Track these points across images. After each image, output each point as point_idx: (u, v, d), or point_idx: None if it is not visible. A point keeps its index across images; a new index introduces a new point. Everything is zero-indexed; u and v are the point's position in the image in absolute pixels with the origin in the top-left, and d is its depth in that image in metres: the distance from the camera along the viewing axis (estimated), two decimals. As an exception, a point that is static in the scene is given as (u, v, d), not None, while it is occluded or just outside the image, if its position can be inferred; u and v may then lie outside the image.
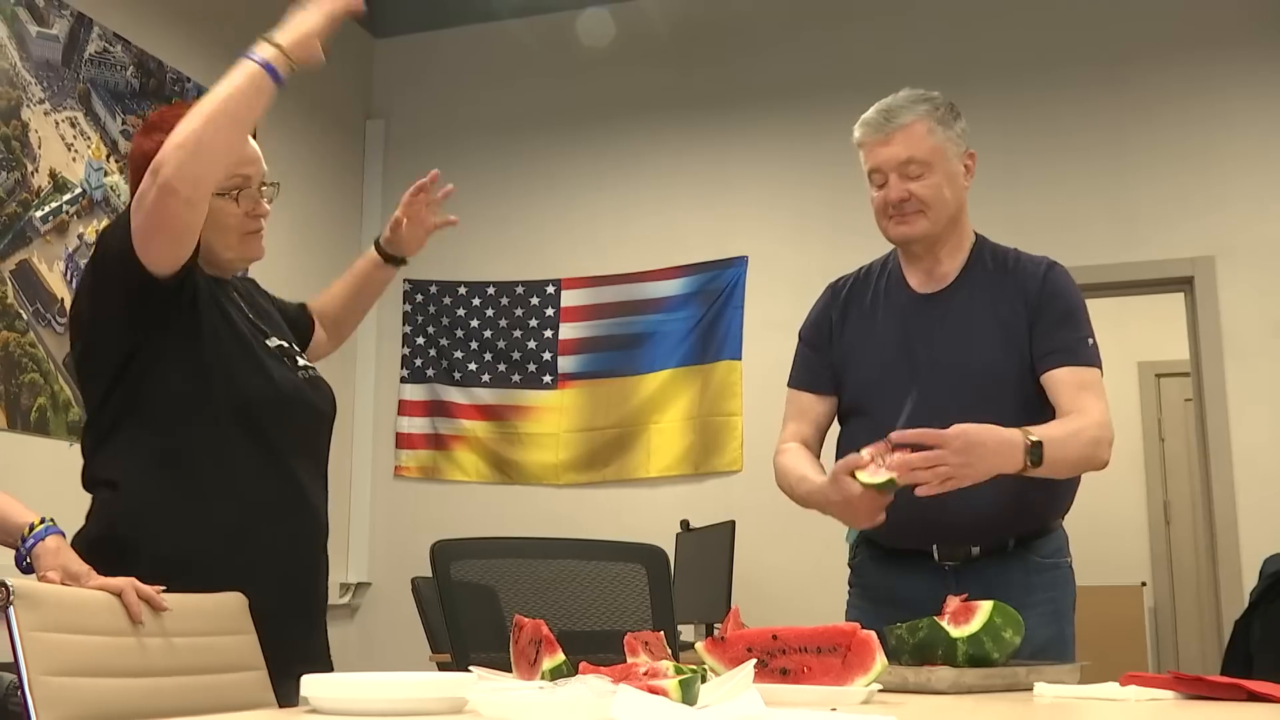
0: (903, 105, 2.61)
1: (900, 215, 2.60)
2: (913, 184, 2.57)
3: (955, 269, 2.67)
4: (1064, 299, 2.61)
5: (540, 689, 1.49)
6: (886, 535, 2.59)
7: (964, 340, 2.59)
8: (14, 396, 4.32)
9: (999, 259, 2.68)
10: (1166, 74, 5.63)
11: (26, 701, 1.67)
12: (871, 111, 2.64)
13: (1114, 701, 1.74)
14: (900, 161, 2.57)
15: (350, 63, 6.69)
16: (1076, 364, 2.55)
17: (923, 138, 2.58)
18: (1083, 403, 2.49)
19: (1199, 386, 5.47)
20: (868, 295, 2.74)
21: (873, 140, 2.61)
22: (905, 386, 2.58)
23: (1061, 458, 2.37)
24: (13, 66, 4.45)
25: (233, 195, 2.27)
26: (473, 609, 3.12)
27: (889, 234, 2.65)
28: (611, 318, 6.22)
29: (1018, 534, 2.55)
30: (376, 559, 6.35)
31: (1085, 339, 2.59)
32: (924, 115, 2.59)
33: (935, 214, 2.60)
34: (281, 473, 2.24)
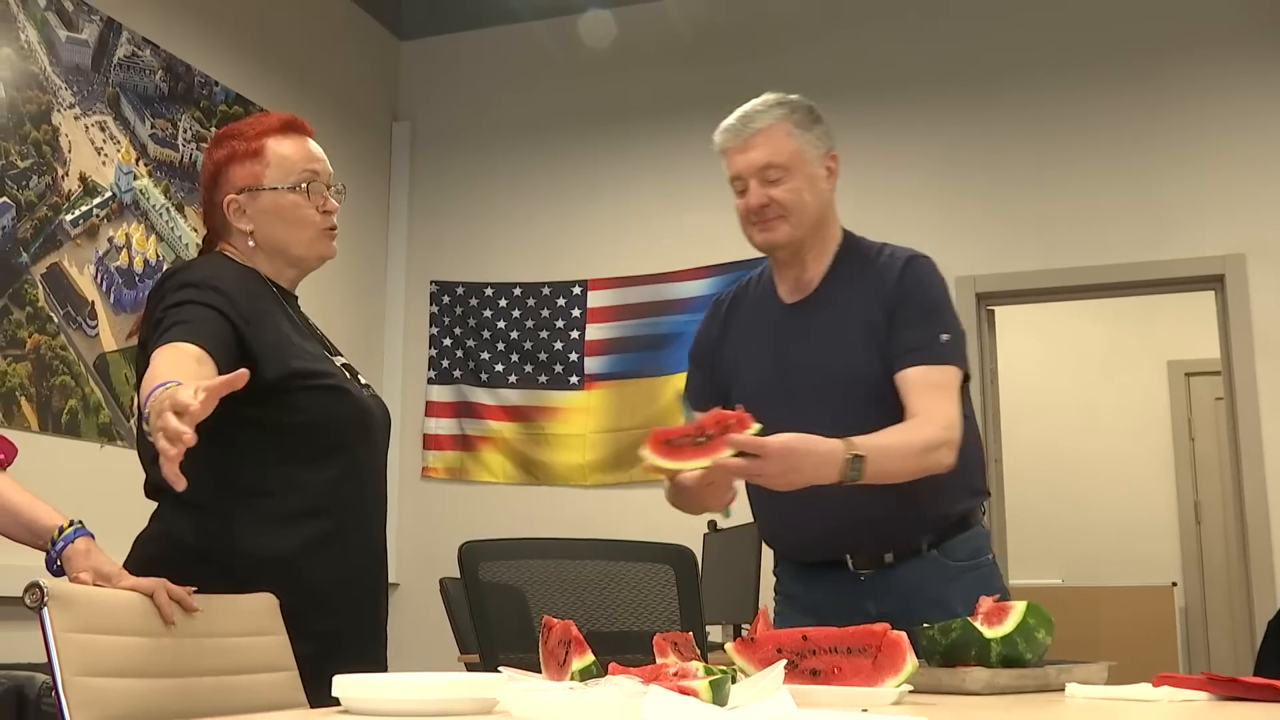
0: (760, 110, 2.58)
1: (762, 221, 2.54)
2: (773, 189, 2.53)
3: (820, 274, 2.61)
4: (921, 293, 2.52)
5: (570, 690, 1.49)
6: (800, 551, 2.60)
7: (828, 347, 2.53)
8: (45, 399, 4.35)
9: (863, 257, 2.62)
10: (1197, 71, 5.60)
11: (60, 702, 1.67)
12: (730, 118, 2.60)
13: (1147, 702, 1.73)
14: (759, 167, 2.53)
15: (376, 65, 6.72)
16: (929, 362, 2.45)
17: (781, 142, 2.55)
18: (927, 405, 2.40)
19: (1230, 385, 5.44)
20: (744, 310, 2.70)
21: (732, 146, 2.58)
22: (784, 404, 2.46)
23: (889, 470, 2.28)
24: (43, 71, 4.48)
25: (302, 190, 2.32)
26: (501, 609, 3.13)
27: (753, 241, 2.59)
28: (638, 318, 6.23)
29: (929, 537, 2.49)
30: (404, 560, 6.36)
31: (939, 335, 2.48)
32: (781, 118, 2.56)
33: (797, 219, 2.54)
34: (349, 488, 2.26)
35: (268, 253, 2.33)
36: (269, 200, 2.31)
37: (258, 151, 2.34)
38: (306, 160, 2.36)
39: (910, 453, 2.32)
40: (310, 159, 2.37)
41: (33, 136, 4.40)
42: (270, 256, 2.33)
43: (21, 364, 4.28)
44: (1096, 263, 5.57)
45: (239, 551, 2.13)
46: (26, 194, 4.36)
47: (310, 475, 2.20)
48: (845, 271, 2.60)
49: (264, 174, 2.32)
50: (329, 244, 2.39)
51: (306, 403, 2.19)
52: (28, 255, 4.35)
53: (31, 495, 2.06)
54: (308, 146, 2.40)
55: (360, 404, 2.30)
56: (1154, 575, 7.22)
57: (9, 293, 4.26)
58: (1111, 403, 7.66)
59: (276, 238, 2.32)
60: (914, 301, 2.50)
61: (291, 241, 2.33)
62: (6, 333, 4.24)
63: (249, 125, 2.39)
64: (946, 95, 5.86)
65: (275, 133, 2.37)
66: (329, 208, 2.37)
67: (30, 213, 4.37)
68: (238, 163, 2.34)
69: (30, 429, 4.26)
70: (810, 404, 2.47)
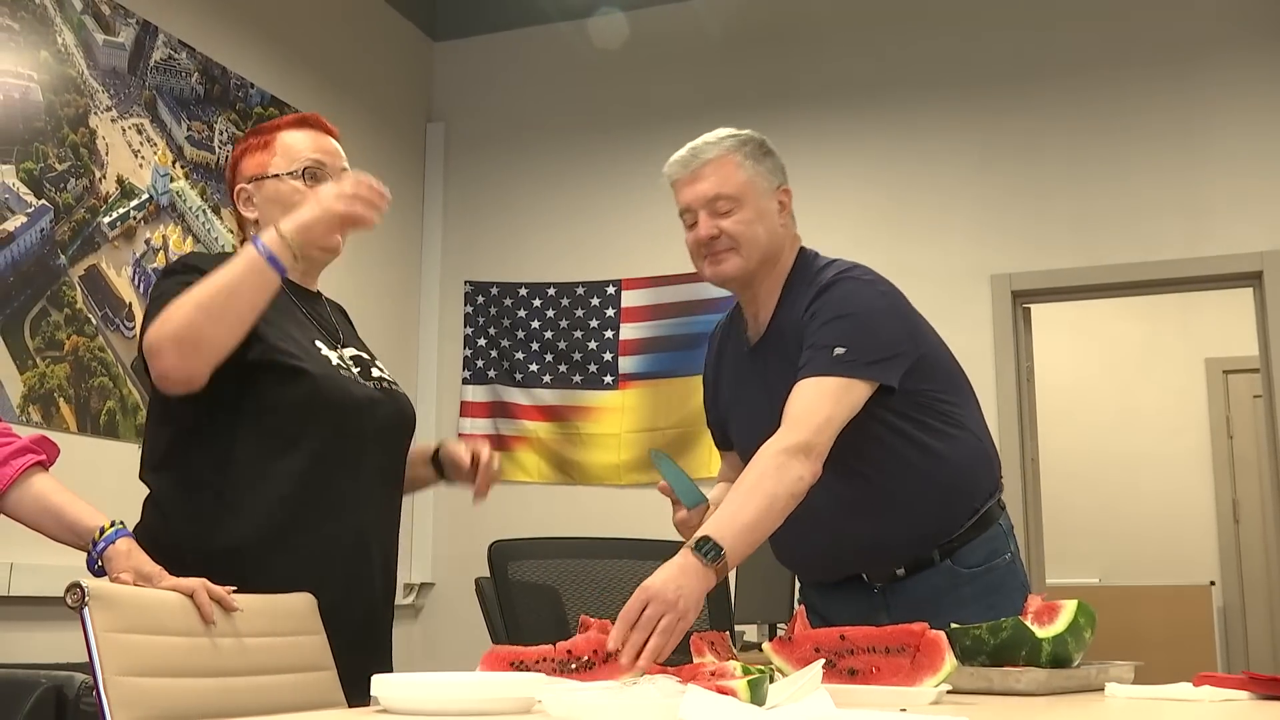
0: (710, 142, 2.53)
1: (712, 254, 2.50)
2: (722, 220, 2.47)
3: (770, 311, 2.55)
4: (827, 310, 2.39)
5: (609, 689, 1.49)
6: (814, 573, 2.64)
7: (776, 393, 2.35)
8: (84, 400, 4.38)
9: (808, 282, 2.50)
10: (1234, 69, 5.56)
11: (102, 701, 1.69)
12: (680, 150, 2.56)
13: (1188, 702, 1.73)
14: (708, 198, 2.48)
15: (410, 66, 6.74)
16: (810, 375, 2.30)
17: (730, 173, 2.49)
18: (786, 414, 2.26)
19: (1268, 383, 5.39)
20: (730, 342, 2.70)
21: (680, 178, 2.53)
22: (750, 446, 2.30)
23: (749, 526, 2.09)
24: (80, 75, 4.51)
25: (301, 176, 2.33)
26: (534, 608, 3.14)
27: (705, 275, 2.55)
28: (672, 318, 6.22)
29: (939, 546, 2.47)
30: (440, 559, 6.39)
31: (830, 349, 2.31)
32: (730, 150, 2.51)
33: (747, 251, 2.48)
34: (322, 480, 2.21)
35: None
36: (271, 188, 2.34)
37: (268, 143, 2.37)
38: (313, 150, 2.36)
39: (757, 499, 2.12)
40: (318, 149, 2.37)
41: (70, 139, 4.44)
42: None
43: (60, 365, 4.32)
44: (1133, 260, 5.53)
45: (199, 546, 2.11)
46: (64, 196, 4.39)
47: (278, 465, 2.17)
48: (789, 300, 2.52)
49: (270, 163, 2.35)
50: (334, 239, 2.32)
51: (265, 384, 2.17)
52: (66, 257, 4.38)
53: (73, 495, 2.08)
54: (319, 139, 2.40)
55: (330, 388, 2.23)
56: (1192, 574, 7.18)
57: (48, 295, 4.30)
58: (1149, 401, 7.61)
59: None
60: (817, 320, 2.39)
61: None
62: (45, 334, 4.27)
63: (270, 123, 2.44)
64: (983, 93, 5.84)
65: (289, 126, 2.41)
66: None
67: (68, 215, 4.40)
68: (250, 155, 2.38)
69: (69, 430, 4.30)
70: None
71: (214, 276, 2.07)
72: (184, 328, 2.01)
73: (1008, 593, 2.47)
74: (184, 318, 2.02)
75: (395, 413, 2.37)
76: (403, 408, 2.40)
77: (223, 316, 2.04)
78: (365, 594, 2.29)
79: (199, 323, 2.02)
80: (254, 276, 2.08)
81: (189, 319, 2.02)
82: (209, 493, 2.15)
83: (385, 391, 2.36)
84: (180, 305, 2.04)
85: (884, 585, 2.50)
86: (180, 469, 2.18)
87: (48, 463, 2.12)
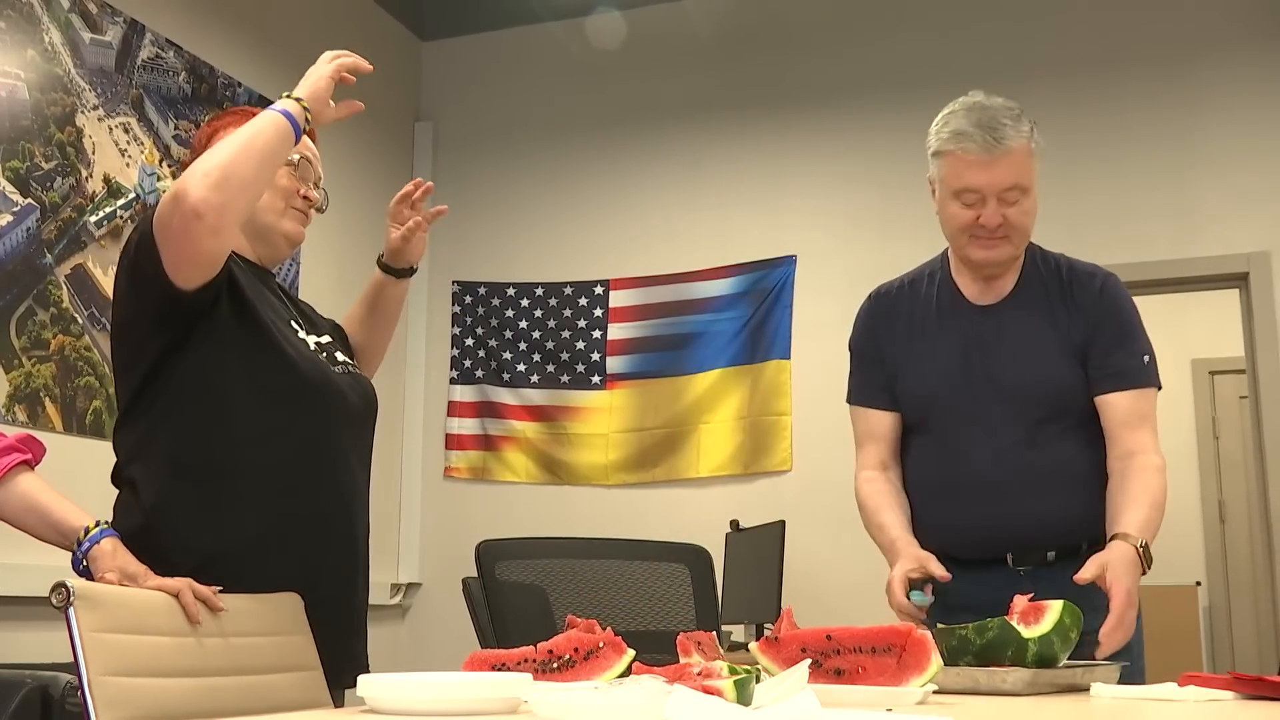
0: (1007, 124, 2.46)
1: (990, 239, 2.49)
2: (1009, 209, 2.46)
3: (1013, 280, 2.61)
4: (1121, 315, 2.56)
5: (596, 689, 1.49)
6: (960, 548, 2.55)
7: (1025, 355, 2.54)
8: (70, 399, 4.38)
9: (1050, 268, 2.62)
10: (1223, 71, 5.58)
11: (87, 701, 1.69)
12: (969, 124, 2.47)
13: (1173, 702, 1.73)
14: (1005, 188, 2.45)
15: (398, 66, 6.74)
16: (1134, 387, 2.51)
17: (1026, 163, 2.47)
18: (1137, 440, 2.48)
19: (1254, 383, 5.42)
20: (918, 306, 2.67)
21: (975, 159, 2.45)
22: (968, 403, 2.54)
23: (1155, 530, 2.42)
24: (67, 73, 4.50)
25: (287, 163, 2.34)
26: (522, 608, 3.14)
27: (970, 256, 2.54)
28: (660, 318, 6.23)
29: (1089, 538, 2.51)
30: (427, 559, 6.39)
31: (1143, 357, 2.54)
32: (1026, 137, 2.47)
33: (1020, 238, 2.52)
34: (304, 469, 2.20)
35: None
36: None
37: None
38: (300, 147, 2.36)
39: (1160, 508, 2.44)
40: (304, 146, 2.39)
41: (57, 138, 4.43)
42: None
43: (46, 365, 4.31)
44: (1121, 260, 5.54)
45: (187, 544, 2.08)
46: (51, 195, 4.38)
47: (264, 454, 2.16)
48: (1035, 280, 2.59)
49: None
50: (296, 223, 2.38)
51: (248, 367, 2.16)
52: (52, 256, 4.37)
53: (59, 495, 2.08)
54: (305, 140, 2.41)
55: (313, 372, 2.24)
56: (1178, 574, 7.19)
57: (34, 294, 4.29)
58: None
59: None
60: (1118, 322, 2.54)
61: (260, 207, 2.30)
62: (31, 334, 4.26)
63: (251, 109, 2.39)
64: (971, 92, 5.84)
65: None
66: (306, 193, 2.39)
67: (55, 214, 4.39)
68: (231, 128, 2.31)
69: (55, 429, 4.29)
70: (1002, 405, 2.52)
71: (239, 130, 2.13)
72: (212, 165, 2.04)
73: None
74: (206, 161, 2.06)
75: (365, 398, 2.38)
76: (370, 393, 2.42)
77: (249, 157, 2.07)
78: (351, 581, 2.31)
79: (226, 160, 2.05)
80: (272, 129, 2.13)
81: (214, 158, 2.06)
82: (192, 482, 2.12)
83: (353, 376, 2.37)
84: (212, 151, 2.09)
85: (1031, 569, 2.51)
86: (161, 458, 2.14)
87: (34, 462, 2.12)
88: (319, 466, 2.22)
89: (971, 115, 2.48)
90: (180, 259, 2.05)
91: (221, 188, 2.02)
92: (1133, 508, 2.38)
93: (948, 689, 1.88)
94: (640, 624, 3.12)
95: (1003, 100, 2.53)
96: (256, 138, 2.10)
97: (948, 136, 2.49)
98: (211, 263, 2.08)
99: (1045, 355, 2.54)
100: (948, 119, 2.53)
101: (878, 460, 2.68)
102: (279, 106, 2.16)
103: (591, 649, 1.77)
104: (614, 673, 1.72)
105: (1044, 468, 2.49)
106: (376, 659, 2.41)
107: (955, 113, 2.53)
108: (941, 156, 2.52)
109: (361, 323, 2.68)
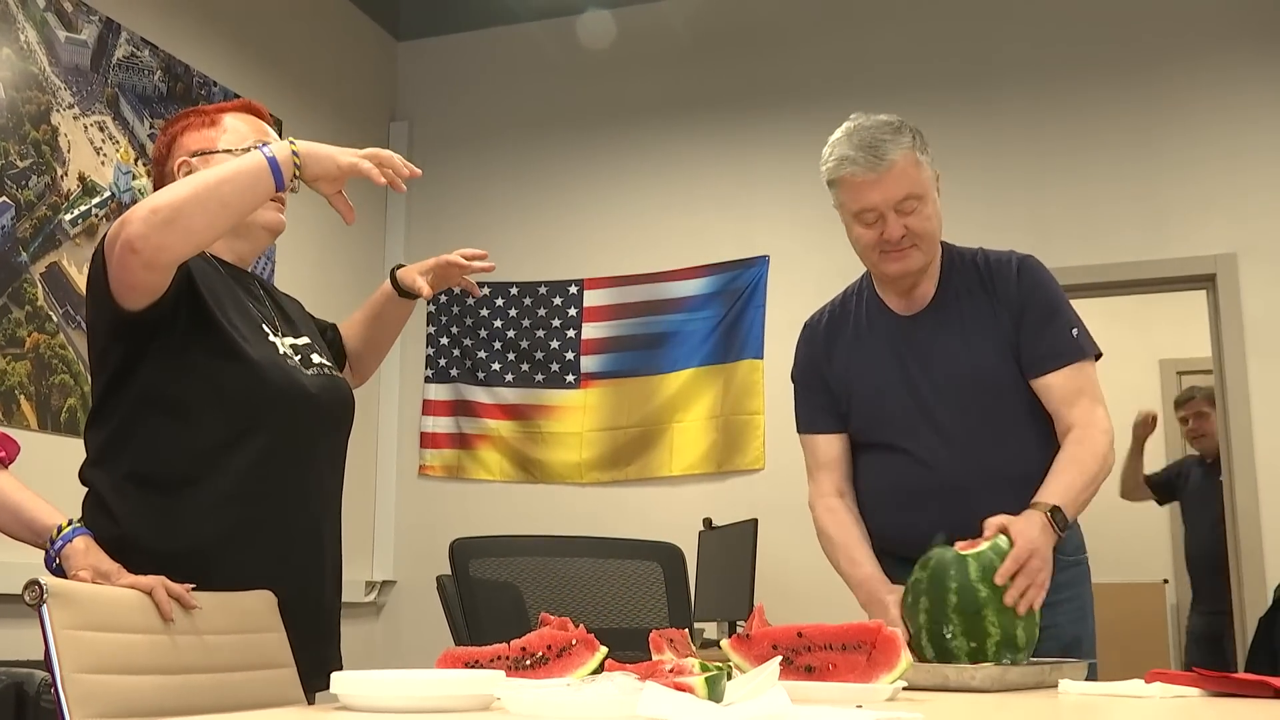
0: (886, 139, 2.50)
1: (897, 251, 2.54)
2: (909, 219, 2.51)
3: (933, 286, 2.65)
4: (1043, 293, 2.59)
5: (568, 686, 1.51)
6: (918, 550, 2.57)
7: (957, 354, 2.59)
8: (44, 397, 4.37)
9: (968, 264, 2.66)
10: (1190, 74, 5.64)
11: (60, 698, 1.69)
12: (851, 148, 2.51)
13: (1140, 699, 1.75)
14: (899, 199, 2.49)
15: (374, 65, 6.74)
16: (1067, 363, 2.55)
17: (913, 172, 2.50)
18: (1080, 415, 2.51)
19: (1221, 383, 5.47)
20: (849, 326, 2.73)
21: (863, 179, 2.50)
22: (911, 411, 2.58)
23: (1083, 500, 2.42)
24: (42, 71, 4.49)
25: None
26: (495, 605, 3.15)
27: (883, 271, 2.60)
28: (634, 317, 6.25)
29: None
30: (402, 557, 6.39)
31: (1071, 330, 2.57)
32: (909, 147, 2.51)
33: (927, 245, 2.56)
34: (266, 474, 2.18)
35: None
36: (219, 162, 2.26)
37: (214, 121, 2.35)
38: (262, 135, 2.35)
39: (1092, 477, 2.44)
40: (264, 135, 2.37)
41: (32, 136, 4.42)
42: None
43: (21, 363, 4.30)
44: (1091, 262, 5.60)
45: (150, 545, 2.06)
46: (26, 194, 4.37)
47: (228, 458, 2.14)
48: (955, 279, 2.64)
49: (218, 138, 2.32)
50: (275, 213, 2.34)
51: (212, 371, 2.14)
52: (27, 254, 4.36)
53: (33, 493, 2.08)
54: (265, 128, 2.40)
55: (279, 377, 2.21)
56: (1145, 572, 7.25)
57: (8, 292, 4.28)
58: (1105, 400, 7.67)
59: None
60: (1037, 303, 2.58)
61: None
62: (6, 331, 4.25)
63: (212, 105, 2.42)
64: (943, 95, 5.88)
65: (235, 110, 2.40)
66: None
67: (30, 212, 4.38)
68: (193, 131, 2.33)
69: (30, 427, 4.28)
70: (950, 409, 2.55)
71: (214, 170, 2.08)
72: (164, 202, 1.98)
73: (1087, 590, 2.60)
74: (166, 194, 2.00)
75: (338, 401, 2.36)
76: (345, 396, 2.39)
77: (206, 202, 2.01)
78: (318, 584, 2.29)
79: (180, 200, 1.99)
80: (248, 175, 2.06)
81: (171, 194, 2.00)
82: (155, 489, 2.11)
83: (327, 379, 2.34)
84: (175, 186, 2.03)
85: None
86: (125, 464, 2.12)
87: (7, 460, 2.12)
88: (282, 472, 2.20)
89: (853, 139, 2.52)
90: (119, 284, 2.03)
91: (164, 229, 1.97)
92: (1053, 479, 2.41)
93: (917, 686, 1.90)
94: (613, 621, 3.13)
95: (884, 117, 2.54)
96: (225, 184, 2.04)
97: (834, 164, 2.54)
98: (148, 291, 2.04)
99: (979, 351, 2.57)
100: (833, 147, 2.57)
101: (834, 488, 2.72)
102: (269, 149, 2.09)
103: (565, 646, 1.78)
104: (587, 670, 1.73)
105: (1000, 466, 2.51)
106: (351, 656, 2.40)
107: (839, 140, 2.56)
108: (836, 185, 2.57)
109: (359, 331, 2.65)
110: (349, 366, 2.65)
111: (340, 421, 2.38)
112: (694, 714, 1.28)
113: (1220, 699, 1.74)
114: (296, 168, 2.10)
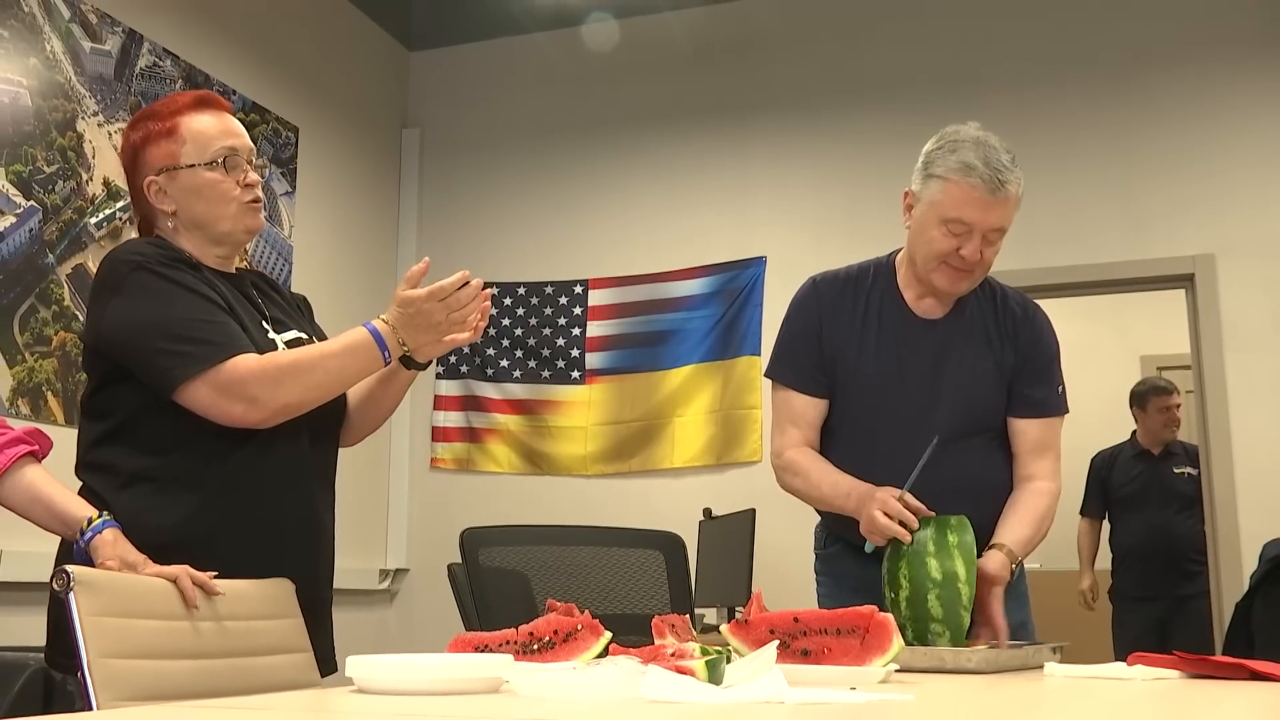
0: (1008, 168, 2.48)
1: (964, 270, 2.55)
2: (988, 249, 2.52)
3: (951, 304, 2.69)
4: (1046, 349, 2.70)
5: (574, 669, 1.55)
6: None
7: (962, 371, 2.63)
8: (71, 394, 4.45)
9: (986, 293, 2.71)
10: (1170, 78, 5.69)
11: (86, 682, 1.72)
12: (978, 160, 2.46)
13: (1122, 681, 1.80)
14: (995, 228, 2.50)
15: (386, 74, 6.79)
16: (1046, 416, 2.68)
17: (1013, 210, 2.52)
18: (1043, 469, 2.65)
19: (1199, 378, 5.52)
20: (860, 303, 2.70)
21: (978, 196, 2.46)
22: (904, 409, 2.61)
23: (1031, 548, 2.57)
24: (68, 81, 4.58)
25: (220, 165, 2.26)
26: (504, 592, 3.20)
27: (936, 282, 2.59)
28: (636, 316, 6.31)
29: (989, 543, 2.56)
30: (414, 546, 6.45)
31: (1058, 388, 2.71)
32: (1018, 185, 2.50)
33: (982, 274, 2.62)
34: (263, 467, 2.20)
35: (190, 231, 2.27)
36: (187, 179, 2.25)
37: (172, 130, 2.26)
38: (223, 136, 2.28)
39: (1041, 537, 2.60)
40: (226, 134, 2.30)
41: (58, 143, 4.50)
42: (193, 235, 2.28)
43: (48, 360, 4.39)
44: (1072, 262, 5.65)
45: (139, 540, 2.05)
46: (53, 198, 4.46)
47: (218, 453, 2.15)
48: (974, 301, 2.69)
49: (180, 152, 2.25)
50: (254, 217, 2.32)
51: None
52: (54, 256, 4.45)
53: (63, 486, 2.09)
54: (224, 121, 2.32)
55: None
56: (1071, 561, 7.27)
57: (36, 292, 4.37)
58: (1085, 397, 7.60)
59: (199, 216, 2.26)
60: (1040, 356, 2.69)
61: (214, 218, 2.27)
62: (34, 330, 4.34)
63: (164, 105, 2.32)
64: (928, 99, 5.91)
65: (190, 110, 2.30)
66: (249, 181, 2.30)
67: (56, 216, 4.47)
68: (154, 143, 2.27)
69: (57, 422, 4.37)
70: (937, 414, 2.59)
71: (327, 354, 2.19)
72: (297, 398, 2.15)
73: (1024, 579, 2.71)
74: (297, 394, 2.15)
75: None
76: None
77: (324, 394, 2.20)
78: (312, 578, 2.28)
79: (308, 400, 2.17)
80: (361, 359, 2.20)
81: (300, 398, 2.16)
82: (149, 483, 2.13)
83: None
84: (294, 375, 2.14)
85: None
86: (119, 458, 2.15)
87: (40, 454, 2.14)
88: (277, 465, 2.22)
89: (979, 151, 2.48)
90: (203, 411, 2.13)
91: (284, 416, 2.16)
92: (1018, 525, 2.54)
93: (912, 668, 1.96)
94: (617, 608, 3.17)
95: (1000, 142, 2.53)
96: (343, 374, 2.21)
97: (955, 166, 2.48)
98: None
99: (981, 373, 2.64)
100: (954, 147, 2.51)
101: (804, 441, 2.71)
102: (376, 327, 2.23)
103: (570, 631, 1.81)
104: (591, 654, 1.76)
105: (966, 476, 2.58)
106: (365, 641, 2.43)
107: (962, 144, 2.50)
108: (943, 182, 2.51)
109: (357, 399, 2.49)
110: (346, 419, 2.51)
111: (331, 417, 2.37)
112: (695, 696, 1.33)
113: (1199, 680, 1.80)
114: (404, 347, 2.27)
